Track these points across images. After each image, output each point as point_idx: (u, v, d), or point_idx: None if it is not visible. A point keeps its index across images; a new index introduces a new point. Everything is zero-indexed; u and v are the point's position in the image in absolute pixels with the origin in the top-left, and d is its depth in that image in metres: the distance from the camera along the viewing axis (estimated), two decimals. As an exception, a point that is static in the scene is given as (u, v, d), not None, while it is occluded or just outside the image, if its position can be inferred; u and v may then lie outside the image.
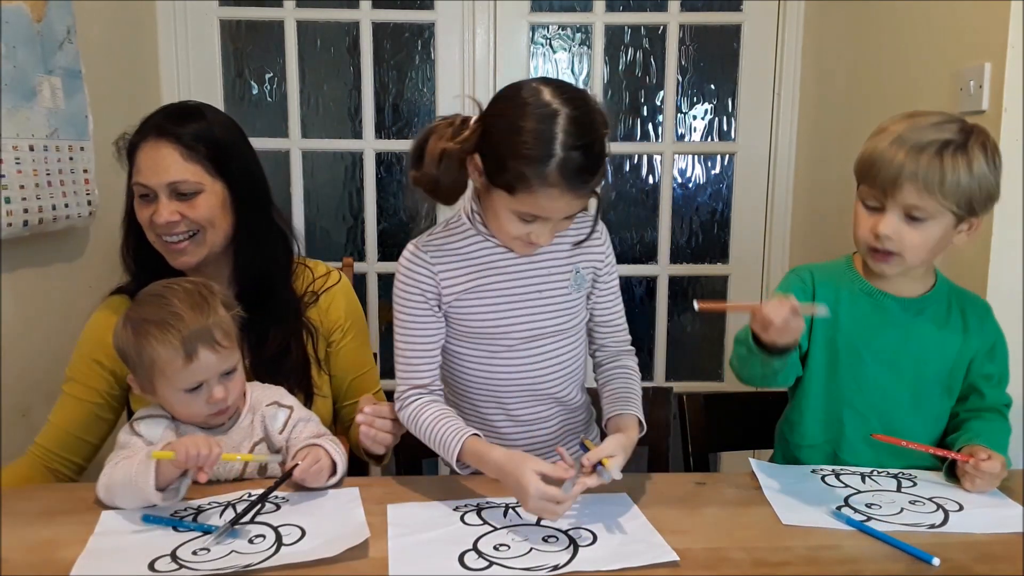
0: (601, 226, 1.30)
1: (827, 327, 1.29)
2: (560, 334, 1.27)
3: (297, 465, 1.15)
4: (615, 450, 1.11)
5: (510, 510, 1.12)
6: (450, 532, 1.05)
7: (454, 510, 1.12)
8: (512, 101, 1.10)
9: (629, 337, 1.36)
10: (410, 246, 1.24)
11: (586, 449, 1.14)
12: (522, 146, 1.06)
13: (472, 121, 1.14)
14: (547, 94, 1.08)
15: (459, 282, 1.22)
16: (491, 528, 1.06)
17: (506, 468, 1.08)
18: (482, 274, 1.23)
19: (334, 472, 1.19)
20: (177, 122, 1.30)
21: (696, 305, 1.12)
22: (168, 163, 1.28)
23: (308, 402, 1.36)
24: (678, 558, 0.98)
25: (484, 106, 1.15)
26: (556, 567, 0.96)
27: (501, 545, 1.01)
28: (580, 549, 1.01)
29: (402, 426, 1.28)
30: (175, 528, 1.05)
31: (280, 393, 1.29)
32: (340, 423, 1.48)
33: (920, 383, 1.28)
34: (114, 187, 1.37)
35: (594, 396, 1.37)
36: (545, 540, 1.03)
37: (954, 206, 1.17)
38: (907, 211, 1.18)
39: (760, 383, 1.27)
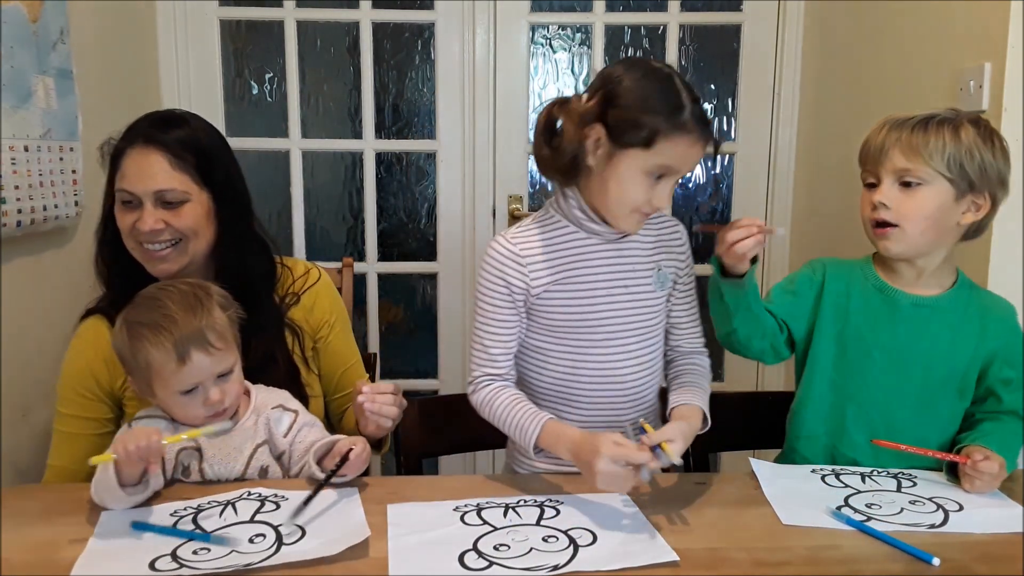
0: (681, 228, 1.36)
1: (836, 320, 1.30)
2: (644, 332, 1.29)
3: (352, 450, 1.15)
4: (675, 435, 1.12)
5: (510, 510, 1.12)
6: (450, 532, 1.05)
7: (454, 510, 1.11)
8: (625, 68, 1.18)
9: (704, 339, 1.37)
10: (499, 238, 1.27)
11: (643, 431, 1.14)
12: (655, 101, 1.14)
13: (589, 93, 1.20)
14: (652, 62, 1.20)
15: (548, 273, 1.25)
16: (491, 528, 1.06)
17: (584, 437, 1.12)
18: (571, 265, 1.26)
19: None
20: (164, 129, 1.29)
21: (695, 227, 1.19)
22: (155, 170, 1.26)
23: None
24: (678, 558, 0.98)
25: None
26: (556, 567, 0.96)
27: (501, 545, 1.01)
28: (580, 549, 1.01)
29: (404, 400, 1.29)
30: (173, 528, 1.05)
31: (285, 397, 1.29)
32: (332, 416, 1.47)
33: (928, 383, 1.28)
34: (102, 187, 1.35)
35: (662, 392, 1.36)
36: (545, 540, 1.03)
37: (945, 170, 1.20)
38: (899, 176, 1.22)
39: (722, 327, 1.29)
